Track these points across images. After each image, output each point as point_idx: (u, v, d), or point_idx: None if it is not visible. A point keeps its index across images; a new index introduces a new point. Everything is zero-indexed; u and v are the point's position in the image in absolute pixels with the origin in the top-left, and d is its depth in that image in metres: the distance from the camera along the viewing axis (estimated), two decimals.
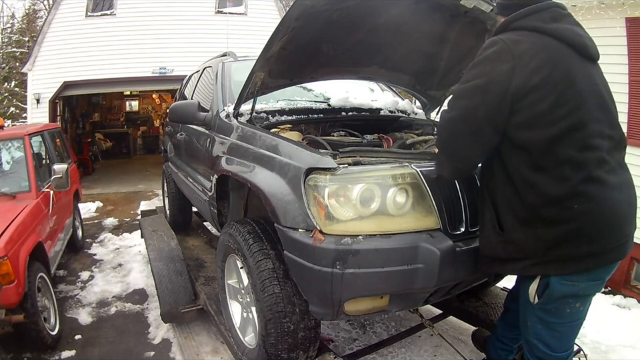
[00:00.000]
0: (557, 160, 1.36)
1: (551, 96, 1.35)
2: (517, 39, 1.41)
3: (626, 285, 4.16)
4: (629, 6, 3.97)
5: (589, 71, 1.44)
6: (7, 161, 3.71)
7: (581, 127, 1.36)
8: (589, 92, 1.40)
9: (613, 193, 1.37)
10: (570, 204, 1.35)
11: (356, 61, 2.53)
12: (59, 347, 2.97)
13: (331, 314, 1.68)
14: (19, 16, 14.89)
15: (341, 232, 1.59)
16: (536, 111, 1.36)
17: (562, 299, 1.47)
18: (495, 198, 1.50)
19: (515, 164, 1.42)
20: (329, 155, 1.68)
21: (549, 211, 1.37)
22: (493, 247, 1.53)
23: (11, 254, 2.52)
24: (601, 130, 1.40)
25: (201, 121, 2.65)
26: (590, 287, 1.47)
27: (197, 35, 8.95)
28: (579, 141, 1.36)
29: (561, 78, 1.37)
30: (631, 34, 4.08)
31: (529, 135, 1.38)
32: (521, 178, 1.41)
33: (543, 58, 1.37)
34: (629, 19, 4.04)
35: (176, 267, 3.15)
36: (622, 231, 1.41)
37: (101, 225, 6.24)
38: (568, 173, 1.35)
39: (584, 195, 1.34)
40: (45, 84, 8.70)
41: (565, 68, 1.38)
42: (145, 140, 13.86)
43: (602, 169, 1.37)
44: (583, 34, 1.47)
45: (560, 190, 1.35)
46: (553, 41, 1.41)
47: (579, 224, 1.35)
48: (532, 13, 1.45)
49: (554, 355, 1.58)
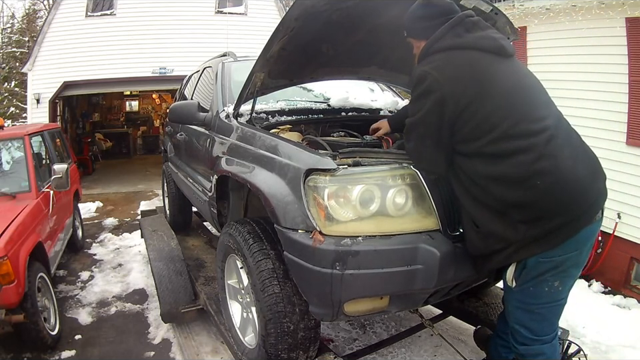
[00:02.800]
0: (507, 153, 1.46)
1: (484, 107, 1.47)
2: (439, 64, 1.54)
3: (626, 285, 4.17)
4: (628, 6, 3.97)
5: (512, 68, 1.58)
6: (7, 161, 3.71)
7: (519, 121, 1.47)
8: (518, 88, 1.54)
9: (568, 162, 1.47)
10: (532, 183, 1.44)
11: (356, 61, 2.53)
12: (59, 347, 2.97)
13: (330, 314, 1.68)
14: (19, 16, 14.91)
15: (340, 233, 1.59)
16: (473, 124, 1.49)
17: (539, 277, 1.53)
18: (466, 201, 1.58)
19: (471, 167, 1.53)
20: (328, 156, 1.68)
21: (515, 195, 1.46)
22: (475, 244, 1.59)
23: (11, 254, 2.52)
24: (539, 114, 1.51)
25: (200, 121, 2.65)
26: (568, 259, 1.51)
27: (196, 35, 8.94)
28: (521, 133, 1.46)
29: (488, 88, 1.49)
30: (631, 34, 4.08)
31: (474, 145, 1.50)
32: (480, 176, 1.51)
33: (466, 76, 1.50)
34: (628, 19, 4.04)
35: (176, 267, 3.15)
36: (586, 196, 1.49)
37: (101, 225, 6.25)
38: (521, 158, 1.44)
39: (542, 171, 1.43)
40: (45, 84, 8.69)
41: (489, 77, 1.51)
42: (145, 140, 13.86)
43: (551, 145, 1.46)
44: (495, 36, 1.59)
45: (518, 174, 1.45)
46: (472, 52, 1.54)
47: (546, 199, 1.44)
48: (446, 32, 1.58)
49: (536, 339, 1.61)
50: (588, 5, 4.27)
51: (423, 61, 1.61)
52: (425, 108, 1.53)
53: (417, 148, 1.62)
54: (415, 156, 1.67)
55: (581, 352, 2.14)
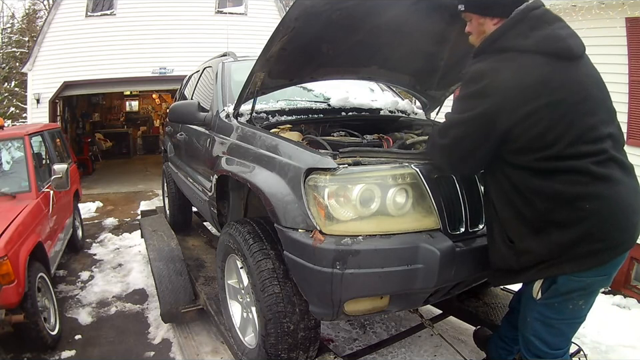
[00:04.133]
0: (561, 169, 1.39)
1: (543, 120, 1.36)
2: (499, 66, 1.41)
3: (626, 285, 4.16)
4: (629, 6, 3.97)
5: (577, 77, 1.43)
6: (7, 161, 3.70)
7: (578, 138, 1.38)
8: (582, 98, 1.40)
9: (619, 187, 1.40)
10: (581, 205, 1.37)
11: (356, 61, 2.53)
12: (59, 347, 2.97)
13: (330, 314, 1.68)
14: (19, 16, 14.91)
15: (340, 232, 1.59)
16: (530, 137, 1.38)
17: (567, 294, 1.48)
18: (503, 211, 1.51)
19: (520, 178, 1.45)
20: (328, 155, 1.68)
21: (560, 215, 1.40)
22: (506, 259, 1.53)
23: (11, 254, 2.52)
24: (600, 132, 1.41)
25: (200, 121, 2.65)
26: (596, 282, 1.48)
27: (196, 34, 8.95)
28: (579, 151, 1.37)
29: (550, 99, 1.37)
30: (631, 34, 4.08)
31: (527, 158, 1.41)
32: (528, 188, 1.43)
33: (529, 82, 1.37)
34: (628, 19, 4.04)
35: (176, 267, 3.15)
36: (631, 221, 1.44)
37: (101, 225, 6.24)
38: (574, 178, 1.37)
39: (593, 194, 1.37)
40: (45, 84, 8.70)
41: (553, 86, 1.38)
42: (145, 140, 13.85)
43: (607, 167, 1.39)
44: (563, 35, 1.43)
45: (570, 194, 1.38)
46: (536, 57, 1.40)
47: (591, 223, 1.38)
48: (508, 29, 1.44)
49: (550, 353, 1.58)
50: (588, 5, 4.27)
51: (481, 56, 1.49)
52: (475, 110, 1.43)
53: (450, 146, 1.53)
54: (444, 153, 1.58)
55: (581, 352, 2.14)
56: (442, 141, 1.56)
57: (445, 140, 1.55)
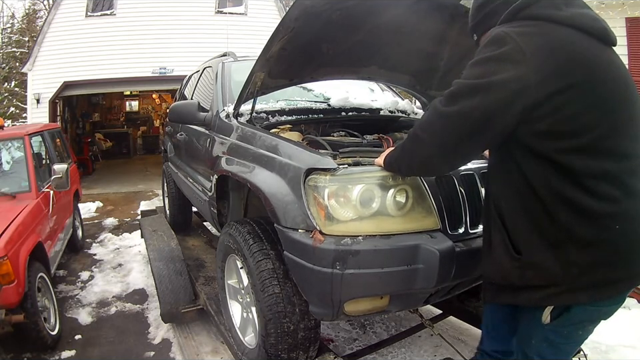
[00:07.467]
0: (591, 172, 1.15)
1: (577, 101, 1.14)
2: (529, 31, 1.18)
3: None
4: (629, 6, 3.97)
5: (613, 61, 1.24)
6: (7, 161, 3.71)
7: (613, 132, 1.17)
8: (618, 86, 1.21)
9: None
10: (611, 223, 1.17)
11: (356, 61, 2.53)
12: (59, 347, 2.97)
13: (330, 314, 1.68)
14: (19, 16, 14.91)
15: (340, 232, 1.58)
16: (560, 118, 1.15)
17: (580, 323, 1.32)
18: (511, 217, 1.28)
19: (542, 177, 1.20)
20: (328, 156, 1.68)
21: (586, 232, 1.17)
22: (505, 273, 1.31)
23: (11, 254, 2.52)
24: (634, 132, 1.21)
25: (200, 121, 2.65)
26: (611, 310, 1.32)
27: (197, 35, 8.96)
28: (612, 150, 1.17)
29: (585, 77, 1.16)
30: (631, 34, 4.09)
31: (554, 145, 1.16)
32: (551, 193, 1.19)
33: (562, 55, 1.16)
34: (628, 19, 4.05)
35: (176, 267, 3.15)
36: None
37: (101, 225, 6.24)
38: (608, 189, 1.16)
39: (627, 213, 1.17)
40: (45, 84, 8.71)
41: (588, 64, 1.17)
42: (145, 140, 13.88)
43: (636, 179, 1.19)
44: (599, 18, 1.26)
45: (602, 208, 1.16)
46: (571, 31, 1.19)
47: (618, 245, 1.18)
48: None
49: None
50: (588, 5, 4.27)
51: (506, 24, 1.25)
52: (494, 76, 1.15)
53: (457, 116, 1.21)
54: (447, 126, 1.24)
55: (581, 352, 2.13)
56: (447, 108, 1.23)
57: (451, 107, 1.22)
